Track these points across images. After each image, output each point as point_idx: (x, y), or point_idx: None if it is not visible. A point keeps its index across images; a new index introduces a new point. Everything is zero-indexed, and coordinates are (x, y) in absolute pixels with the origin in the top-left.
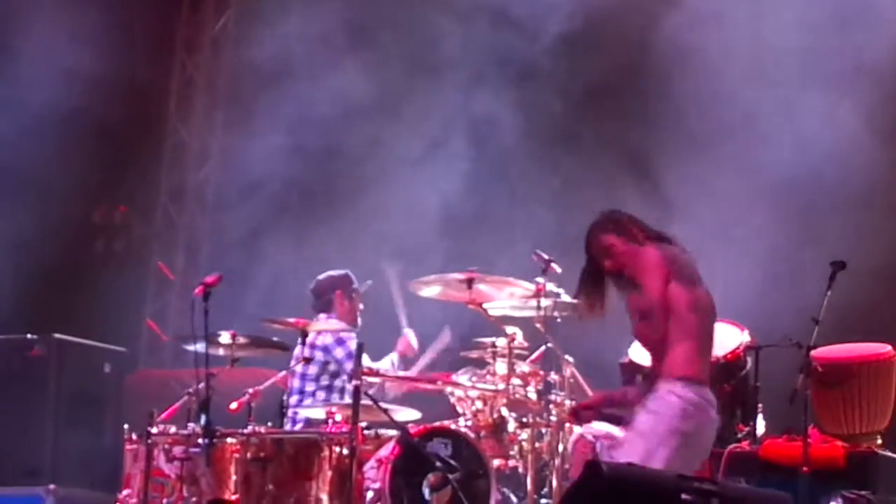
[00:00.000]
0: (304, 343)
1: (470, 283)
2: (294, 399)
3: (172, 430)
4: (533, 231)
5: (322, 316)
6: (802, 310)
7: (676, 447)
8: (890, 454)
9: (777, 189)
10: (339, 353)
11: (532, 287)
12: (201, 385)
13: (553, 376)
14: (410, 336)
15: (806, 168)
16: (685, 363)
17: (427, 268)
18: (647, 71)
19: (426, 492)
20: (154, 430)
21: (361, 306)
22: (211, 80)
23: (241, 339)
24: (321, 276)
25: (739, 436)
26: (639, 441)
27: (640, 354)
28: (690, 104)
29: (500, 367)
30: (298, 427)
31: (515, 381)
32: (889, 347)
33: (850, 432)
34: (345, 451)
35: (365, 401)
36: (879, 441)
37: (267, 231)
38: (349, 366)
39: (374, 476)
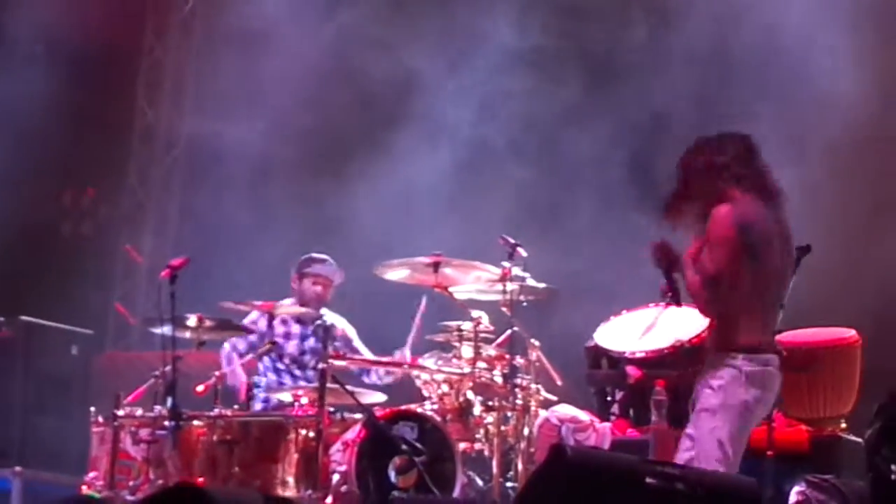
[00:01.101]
0: (270, 326)
1: (436, 266)
2: (263, 379)
3: (139, 412)
4: (499, 215)
5: (288, 300)
6: None
7: (739, 420)
8: (854, 438)
9: None
10: (279, 330)
11: (498, 271)
12: (168, 368)
13: (519, 360)
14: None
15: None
16: (746, 333)
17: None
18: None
19: (392, 474)
20: (121, 412)
21: (319, 289)
22: (179, 63)
23: (208, 322)
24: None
25: None
26: (704, 417)
27: (605, 338)
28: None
29: (466, 350)
30: (264, 409)
31: (481, 364)
32: (853, 332)
33: (814, 416)
34: (311, 434)
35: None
36: (844, 425)
37: (235, 214)
38: (290, 347)
39: (340, 459)
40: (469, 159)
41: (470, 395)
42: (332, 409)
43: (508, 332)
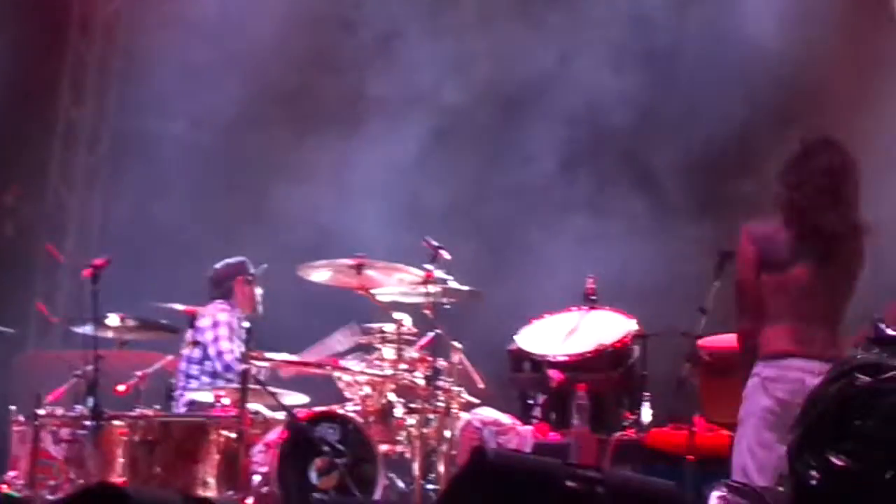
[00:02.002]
0: (192, 327)
1: (359, 268)
2: (181, 382)
3: (60, 412)
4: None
5: (218, 301)
6: (691, 299)
7: (763, 424)
8: None
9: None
10: (208, 335)
11: (421, 273)
12: (89, 367)
13: (441, 363)
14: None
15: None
16: (767, 342)
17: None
18: None
19: (313, 476)
20: (42, 411)
21: (260, 290)
22: (104, 61)
23: (130, 322)
24: (219, 264)
25: (626, 424)
26: (738, 428)
27: (527, 341)
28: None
29: (389, 352)
30: (185, 410)
31: (403, 366)
32: None
33: (735, 421)
34: (232, 435)
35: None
36: None
37: (159, 213)
38: (214, 350)
39: (261, 460)
40: (396, 161)
41: (392, 397)
42: (253, 411)
43: (431, 334)
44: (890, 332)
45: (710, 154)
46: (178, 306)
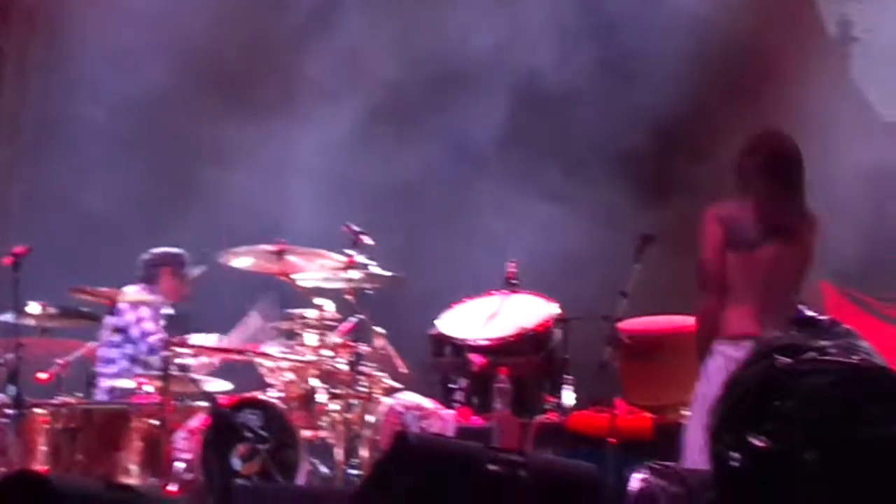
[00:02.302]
0: (113, 313)
1: (280, 254)
2: (102, 368)
3: None
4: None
5: (135, 287)
6: (613, 282)
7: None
8: None
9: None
10: (130, 316)
11: (342, 259)
12: (10, 356)
13: (363, 348)
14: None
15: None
16: (730, 323)
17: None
18: None
19: (236, 462)
20: None
21: (188, 289)
22: (23, 49)
23: (51, 310)
24: (157, 249)
25: (547, 407)
26: (693, 405)
27: (449, 326)
28: None
29: (311, 338)
30: (107, 397)
31: (326, 352)
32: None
33: (656, 403)
34: (155, 422)
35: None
36: (686, 412)
37: (83, 201)
38: (138, 330)
39: (183, 446)
40: (319, 146)
41: (314, 382)
42: (176, 397)
43: (353, 319)
44: (810, 313)
45: (644, 135)
46: (99, 291)
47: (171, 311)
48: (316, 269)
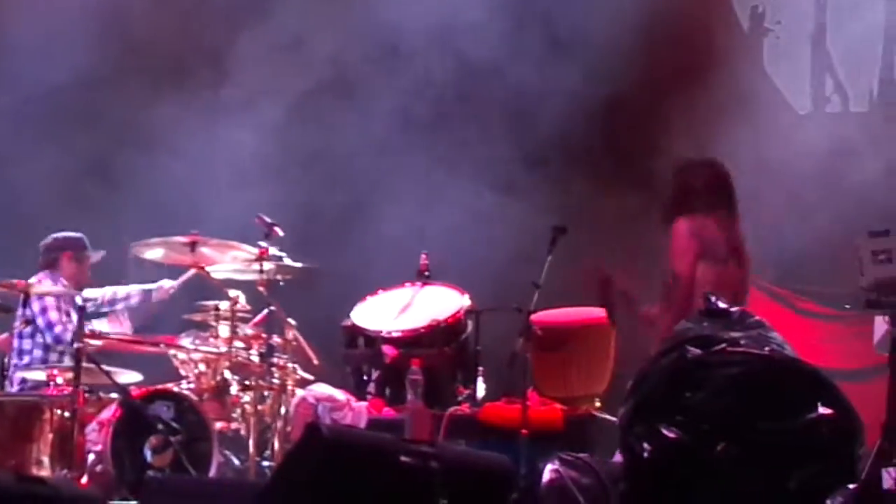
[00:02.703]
0: (25, 305)
1: (193, 246)
2: (14, 360)
3: None
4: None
5: (43, 273)
6: (526, 274)
7: None
8: (607, 416)
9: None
10: (36, 307)
11: (255, 251)
12: None
13: (276, 339)
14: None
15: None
16: None
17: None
18: None
19: (148, 454)
20: None
21: (89, 273)
22: None
23: None
24: (55, 234)
25: (460, 399)
26: None
27: (361, 317)
28: None
29: (223, 329)
30: (19, 389)
31: (238, 344)
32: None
33: (568, 395)
34: (66, 414)
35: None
36: (598, 404)
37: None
38: (44, 321)
39: (95, 438)
40: (238, 138)
41: (227, 374)
42: (87, 389)
43: (265, 311)
44: (721, 304)
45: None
46: (8, 283)
47: (80, 300)
48: (228, 261)
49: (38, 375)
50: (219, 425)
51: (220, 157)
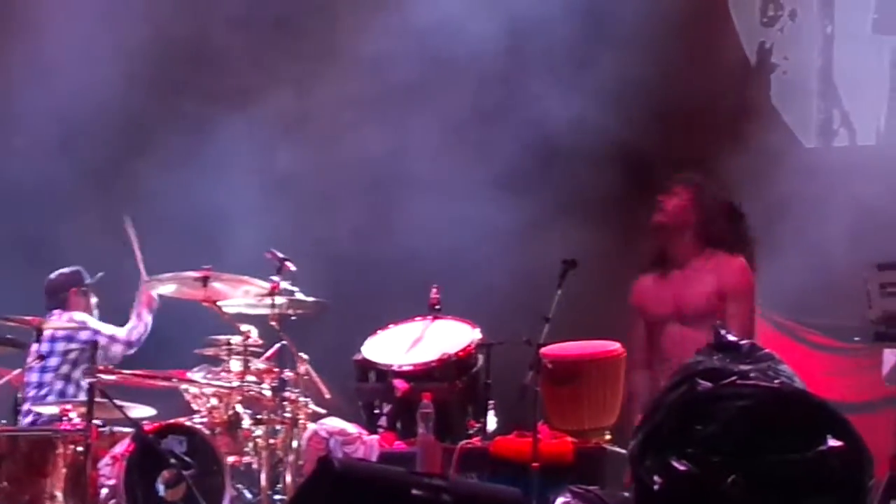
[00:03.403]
0: (38, 340)
1: (205, 280)
2: (31, 394)
3: None
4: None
5: (56, 312)
6: (537, 308)
7: None
8: (617, 449)
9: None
10: (84, 335)
11: (267, 285)
12: None
13: (287, 373)
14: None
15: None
16: None
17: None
18: None
19: (160, 488)
20: None
21: (95, 299)
22: None
23: None
24: (53, 275)
25: (471, 432)
26: None
27: (373, 351)
28: None
29: (235, 364)
30: (32, 424)
31: (250, 378)
32: (618, 345)
33: (579, 428)
34: (79, 449)
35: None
36: (608, 437)
37: (16, 226)
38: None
39: (108, 473)
40: (242, 179)
41: (239, 408)
42: (100, 424)
43: (277, 345)
44: (731, 337)
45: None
46: (22, 319)
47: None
48: (240, 296)
49: (51, 410)
50: (231, 459)
51: (231, 192)
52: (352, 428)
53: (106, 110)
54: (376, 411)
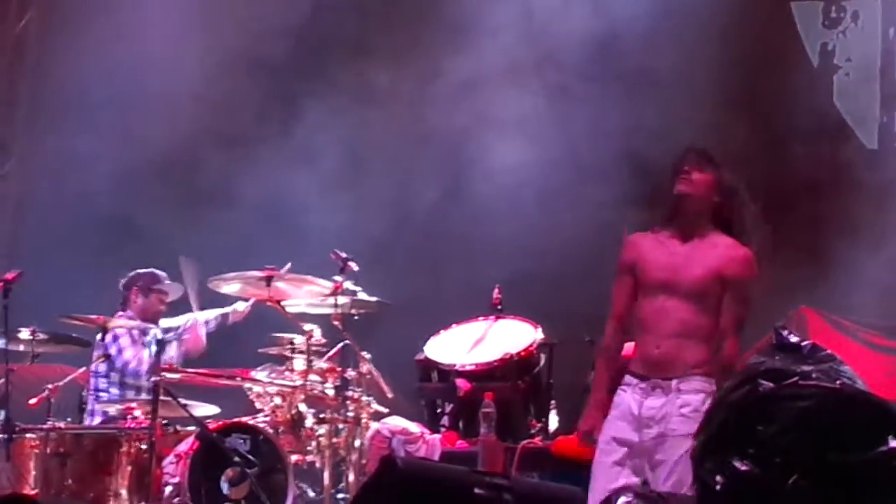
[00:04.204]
0: (103, 340)
1: (269, 280)
2: (92, 395)
3: None
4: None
5: (118, 314)
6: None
7: None
8: None
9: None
10: (112, 349)
11: (330, 285)
12: (1, 381)
13: (350, 373)
14: (199, 328)
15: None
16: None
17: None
18: None
19: (224, 486)
20: None
21: (163, 307)
22: (13, 79)
23: (41, 336)
24: (131, 273)
25: (532, 431)
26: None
27: (435, 351)
28: None
29: (299, 363)
30: (97, 422)
31: (313, 377)
32: None
33: None
34: (143, 447)
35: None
36: None
37: (69, 228)
38: (119, 361)
39: (172, 471)
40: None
41: (302, 407)
42: (164, 422)
43: (340, 345)
44: (793, 338)
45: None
46: (87, 318)
47: (159, 334)
48: (304, 295)
49: (116, 409)
50: (294, 458)
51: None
52: (414, 427)
53: (187, 104)
54: (438, 411)
